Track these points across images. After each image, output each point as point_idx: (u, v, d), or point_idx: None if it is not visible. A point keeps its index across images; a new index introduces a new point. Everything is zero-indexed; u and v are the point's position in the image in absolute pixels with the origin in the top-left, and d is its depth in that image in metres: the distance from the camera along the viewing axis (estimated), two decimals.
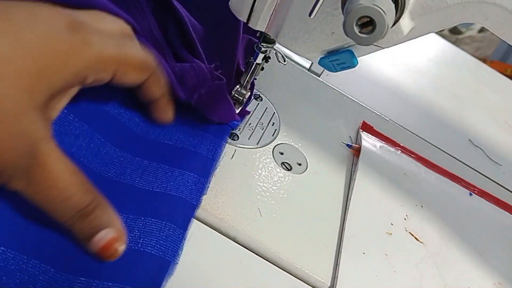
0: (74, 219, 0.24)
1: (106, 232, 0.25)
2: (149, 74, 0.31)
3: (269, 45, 0.37)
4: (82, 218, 0.24)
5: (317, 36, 0.31)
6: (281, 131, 0.43)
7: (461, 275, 0.39)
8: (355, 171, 0.42)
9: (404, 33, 0.28)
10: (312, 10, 0.28)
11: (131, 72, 0.29)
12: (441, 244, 0.41)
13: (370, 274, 0.34)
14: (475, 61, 0.90)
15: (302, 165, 0.41)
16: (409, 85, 0.68)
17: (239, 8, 0.32)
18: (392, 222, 0.40)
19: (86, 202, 0.24)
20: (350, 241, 0.36)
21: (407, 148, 0.50)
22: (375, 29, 0.25)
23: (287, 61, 0.44)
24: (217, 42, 0.40)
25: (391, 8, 0.26)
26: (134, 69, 0.29)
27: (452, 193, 0.47)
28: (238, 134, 0.40)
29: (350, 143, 0.47)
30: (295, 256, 0.32)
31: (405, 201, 0.43)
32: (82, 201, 0.24)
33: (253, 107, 0.43)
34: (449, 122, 0.64)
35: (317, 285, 0.32)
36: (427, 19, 0.28)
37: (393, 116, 0.56)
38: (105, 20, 0.29)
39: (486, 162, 0.58)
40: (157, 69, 0.32)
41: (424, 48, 0.83)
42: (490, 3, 0.27)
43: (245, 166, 0.37)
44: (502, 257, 0.43)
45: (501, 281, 0.40)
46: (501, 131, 0.69)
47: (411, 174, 0.47)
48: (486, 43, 2.03)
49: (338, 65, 0.32)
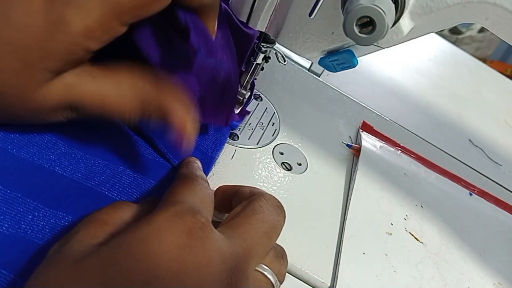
0: (142, 114, 0.26)
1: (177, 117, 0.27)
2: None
3: (269, 45, 0.37)
4: (147, 110, 0.26)
5: (317, 36, 0.31)
6: (281, 131, 0.43)
7: (461, 275, 0.39)
8: (355, 171, 0.42)
9: (404, 33, 0.28)
10: (312, 10, 0.28)
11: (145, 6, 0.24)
12: (441, 244, 0.41)
13: (370, 274, 0.34)
14: (475, 61, 0.90)
15: (302, 165, 0.41)
16: (409, 85, 0.68)
17: (239, 8, 0.32)
18: (392, 222, 0.40)
19: (140, 101, 0.26)
20: (350, 241, 0.36)
21: (407, 148, 0.50)
22: (375, 29, 0.25)
23: (287, 61, 0.44)
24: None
25: (391, 8, 0.26)
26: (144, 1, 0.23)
27: (452, 193, 0.47)
28: (238, 134, 0.40)
29: (350, 143, 0.47)
30: (295, 256, 0.32)
31: (405, 201, 0.43)
32: (135, 103, 0.26)
33: (253, 107, 0.43)
34: (449, 122, 0.64)
35: (317, 285, 0.32)
36: (427, 19, 0.28)
37: (393, 116, 0.56)
38: None
39: (486, 162, 0.58)
40: None
41: (424, 48, 0.83)
42: (490, 3, 0.27)
43: (245, 166, 0.37)
44: (502, 257, 0.43)
45: (501, 281, 0.40)
46: (501, 131, 0.69)
47: (411, 174, 0.47)
48: (486, 43, 2.03)
49: (338, 65, 0.32)
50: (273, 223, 0.26)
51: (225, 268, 0.21)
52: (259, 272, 0.25)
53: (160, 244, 0.20)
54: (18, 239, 0.23)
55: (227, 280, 0.21)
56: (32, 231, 0.24)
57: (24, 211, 0.24)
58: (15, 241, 0.23)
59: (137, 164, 0.30)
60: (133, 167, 0.30)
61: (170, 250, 0.20)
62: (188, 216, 0.22)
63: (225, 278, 0.21)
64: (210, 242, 0.21)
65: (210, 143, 0.36)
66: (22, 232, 0.23)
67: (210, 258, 0.21)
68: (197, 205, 0.24)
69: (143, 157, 0.31)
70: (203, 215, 0.22)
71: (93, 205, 0.26)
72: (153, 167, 0.31)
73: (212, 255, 0.21)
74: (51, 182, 0.26)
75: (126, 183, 0.29)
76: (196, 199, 0.25)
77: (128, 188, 0.29)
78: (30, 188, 0.25)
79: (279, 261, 0.26)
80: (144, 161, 0.31)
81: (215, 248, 0.21)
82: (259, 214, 0.26)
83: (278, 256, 0.27)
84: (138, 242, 0.20)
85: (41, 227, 0.24)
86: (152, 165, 0.31)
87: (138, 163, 0.31)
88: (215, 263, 0.21)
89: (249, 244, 0.24)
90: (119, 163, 0.29)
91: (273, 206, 0.27)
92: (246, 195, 0.28)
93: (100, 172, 0.28)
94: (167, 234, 0.20)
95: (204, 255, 0.20)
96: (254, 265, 0.24)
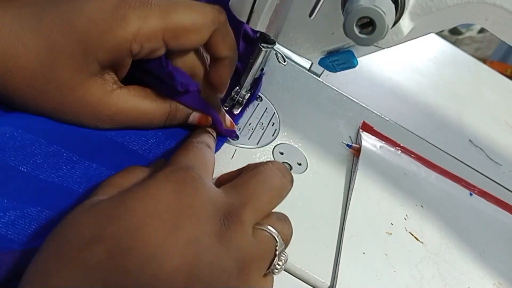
0: (168, 122, 0.33)
1: (193, 116, 0.34)
2: (209, 33, 0.31)
3: (269, 45, 0.37)
4: (172, 120, 0.33)
5: (317, 36, 0.31)
6: (281, 131, 0.43)
7: (461, 275, 0.39)
8: (355, 171, 0.42)
9: (404, 33, 0.28)
10: (312, 10, 0.28)
11: (185, 36, 0.29)
12: (441, 244, 0.41)
13: (370, 274, 0.34)
14: (475, 61, 0.90)
15: (302, 165, 0.41)
16: (409, 85, 0.68)
17: (239, 8, 0.32)
18: (392, 222, 0.40)
19: (166, 111, 0.32)
20: (350, 241, 0.36)
21: (407, 148, 0.50)
22: (375, 29, 0.25)
23: (287, 61, 0.44)
24: None
25: (391, 8, 0.26)
26: (186, 32, 0.29)
27: (452, 193, 0.47)
28: (238, 134, 0.40)
29: (350, 143, 0.47)
30: (295, 256, 0.32)
31: (405, 201, 0.43)
32: (164, 112, 0.32)
33: (253, 107, 0.43)
34: (449, 122, 0.64)
35: (317, 285, 0.33)
36: (427, 20, 0.28)
37: (393, 116, 0.56)
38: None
39: (486, 162, 0.58)
40: (222, 26, 0.31)
41: (424, 48, 0.83)
42: (490, 4, 0.27)
43: None
44: (502, 257, 0.43)
45: (501, 281, 0.40)
46: (501, 131, 0.69)
47: (411, 174, 0.47)
48: (486, 44, 2.03)
49: (338, 65, 0.32)
50: (276, 183, 0.27)
51: (217, 213, 0.23)
52: (261, 229, 0.26)
53: (158, 190, 0.23)
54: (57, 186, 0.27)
55: (220, 222, 0.23)
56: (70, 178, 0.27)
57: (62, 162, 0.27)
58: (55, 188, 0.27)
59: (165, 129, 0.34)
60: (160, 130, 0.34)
61: (168, 194, 0.23)
62: (181, 171, 0.24)
63: (218, 220, 0.23)
64: (203, 191, 0.24)
65: None
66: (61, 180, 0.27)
67: (202, 201, 0.23)
68: (191, 165, 0.26)
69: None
70: (196, 172, 0.25)
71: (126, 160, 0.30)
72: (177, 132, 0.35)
73: (205, 198, 0.24)
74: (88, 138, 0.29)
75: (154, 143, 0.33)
76: (195, 162, 0.27)
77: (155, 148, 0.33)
78: (69, 143, 0.28)
79: (281, 222, 0.27)
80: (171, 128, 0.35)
81: (208, 196, 0.24)
82: (261, 175, 0.27)
83: (281, 219, 0.28)
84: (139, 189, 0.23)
85: (78, 176, 0.28)
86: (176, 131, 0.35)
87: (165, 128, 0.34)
88: (208, 206, 0.23)
89: (246, 198, 0.25)
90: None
91: (278, 169, 0.28)
92: (252, 167, 0.29)
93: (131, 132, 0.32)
94: (164, 184, 0.23)
95: (197, 197, 0.23)
96: (252, 217, 0.25)
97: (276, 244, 0.26)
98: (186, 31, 0.29)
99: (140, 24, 0.27)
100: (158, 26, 0.28)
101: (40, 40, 0.26)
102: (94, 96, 0.28)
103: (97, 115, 0.29)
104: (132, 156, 0.31)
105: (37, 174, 0.26)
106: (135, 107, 0.30)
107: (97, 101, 0.29)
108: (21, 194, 0.25)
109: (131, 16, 0.27)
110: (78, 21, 0.27)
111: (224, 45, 0.32)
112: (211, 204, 0.23)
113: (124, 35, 0.27)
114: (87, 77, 0.28)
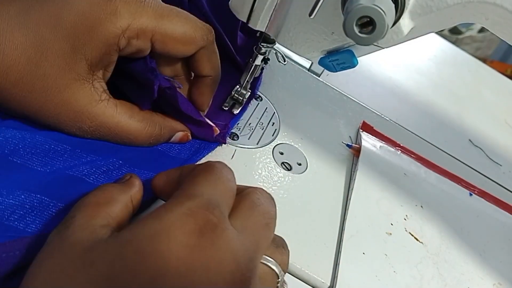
0: (152, 143, 0.32)
1: (176, 136, 0.34)
2: (196, 48, 0.31)
3: (269, 45, 0.37)
4: (157, 141, 0.33)
5: (317, 36, 0.31)
6: (281, 131, 0.43)
7: (461, 275, 0.39)
8: (355, 171, 0.42)
9: (404, 33, 0.28)
10: (312, 10, 0.28)
11: (172, 44, 0.29)
12: (441, 244, 0.41)
13: (370, 274, 0.34)
14: (475, 61, 0.90)
15: (302, 165, 0.41)
16: (409, 85, 0.68)
17: (239, 8, 0.32)
18: (392, 222, 0.40)
19: (151, 134, 0.32)
20: (350, 241, 0.36)
21: (407, 148, 0.50)
22: (375, 29, 0.25)
23: (287, 61, 0.44)
24: None
25: (391, 8, 0.26)
26: (175, 41, 0.29)
27: (452, 193, 0.47)
28: (238, 134, 0.40)
29: (350, 143, 0.47)
30: (295, 256, 0.32)
31: (405, 201, 0.43)
32: (148, 135, 0.31)
33: (253, 107, 0.43)
34: (449, 122, 0.64)
35: (317, 285, 0.32)
36: (427, 19, 0.28)
37: (393, 116, 0.56)
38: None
39: (486, 162, 0.58)
40: (209, 45, 0.32)
41: (424, 48, 0.83)
42: (490, 3, 0.27)
43: (245, 166, 0.37)
44: (502, 257, 0.43)
45: (501, 281, 0.40)
46: (501, 131, 0.69)
47: (411, 174, 0.47)
48: (486, 43, 2.03)
49: (338, 65, 0.32)
50: (271, 214, 0.26)
51: (238, 267, 0.21)
52: (262, 264, 0.25)
53: (169, 244, 0.19)
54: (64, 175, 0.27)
55: (240, 279, 0.20)
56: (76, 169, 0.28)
57: (69, 157, 0.28)
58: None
59: None
60: None
61: (179, 250, 0.19)
62: (201, 214, 0.21)
63: (238, 277, 0.20)
64: (222, 242, 0.21)
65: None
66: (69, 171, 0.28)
67: (221, 258, 0.20)
68: (214, 200, 0.22)
69: None
70: (218, 212, 0.22)
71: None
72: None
73: (224, 255, 0.20)
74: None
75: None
76: (216, 192, 0.23)
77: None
78: (76, 142, 0.29)
79: (280, 250, 0.26)
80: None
81: (228, 247, 0.21)
82: (260, 207, 0.25)
83: (279, 246, 0.27)
84: (147, 239, 0.20)
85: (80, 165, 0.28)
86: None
87: None
88: (227, 262, 0.20)
89: (257, 238, 0.23)
90: None
91: (267, 198, 0.27)
92: (239, 190, 0.28)
93: None
94: (177, 233, 0.20)
95: (214, 256, 0.20)
96: (260, 258, 0.24)
97: (278, 281, 0.25)
98: (175, 39, 0.29)
99: (130, 20, 0.27)
100: (149, 25, 0.28)
101: (27, 37, 0.26)
102: (79, 102, 0.28)
103: (78, 124, 0.28)
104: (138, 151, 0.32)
105: (46, 169, 0.27)
106: (119, 125, 0.30)
107: (81, 108, 0.28)
108: (31, 186, 0.25)
109: (122, 11, 0.27)
110: (66, 16, 0.26)
111: (209, 63, 0.33)
112: (231, 260, 0.21)
113: (113, 30, 0.27)
114: (75, 79, 0.27)
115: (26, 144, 0.27)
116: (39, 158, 0.27)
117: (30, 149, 0.27)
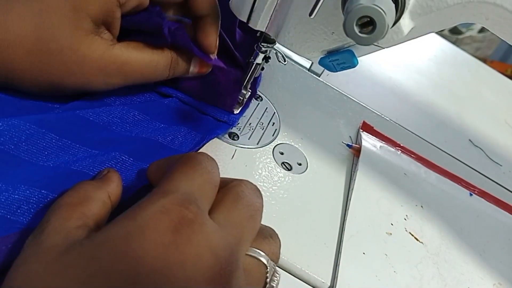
0: (171, 72, 0.34)
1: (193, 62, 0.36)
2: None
3: (269, 45, 0.37)
4: (175, 68, 0.34)
5: (317, 36, 0.31)
6: (281, 131, 0.43)
7: (461, 275, 0.39)
8: (355, 171, 0.42)
9: (404, 33, 0.28)
10: (312, 10, 0.28)
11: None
12: (441, 244, 0.41)
13: (370, 274, 0.34)
14: (475, 61, 0.90)
15: (302, 165, 0.41)
16: (409, 85, 0.68)
17: (239, 8, 0.32)
18: (392, 222, 0.40)
19: (168, 59, 0.34)
20: (350, 241, 0.36)
21: (407, 148, 0.50)
22: (375, 29, 0.25)
23: (287, 61, 0.44)
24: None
25: (391, 8, 0.26)
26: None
27: (452, 193, 0.47)
28: (238, 134, 0.40)
29: (350, 143, 0.47)
30: (295, 256, 0.32)
31: (405, 201, 0.43)
32: (166, 60, 0.33)
33: (253, 107, 0.43)
34: (449, 122, 0.64)
35: (317, 285, 0.32)
36: (427, 19, 0.28)
37: (393, 116, 0.56)
38: None
39: (486, 162, 0.58)
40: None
41: (424, 48, 0.83)
42: (490, 3, 0.26)
43: (245, 166, 0.37)
44: (502, 257, 0.43)
45: (501, 281, 0.40)
46: (501, 131, 0.69)
47: (411, 174, 0.47)
48: (486, 43, 2.03)
49: (338, 65, 0.32)
50: (256, 205, 0.25)
51: (217, 261, 0.20)
52: (249, 256, 0.24)
53: (143, 243, 0.19)
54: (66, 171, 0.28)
55: (219, 274, 0.20)
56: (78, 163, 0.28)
57: (68, 151, 0.29)
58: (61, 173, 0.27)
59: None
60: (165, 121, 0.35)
61: (154, 248, 0.19)
62: (175, 211, 0.20)
63: (217, 272, 0.20)
64: (199, 237, 0.20)
65: (205, 128, 0.37)
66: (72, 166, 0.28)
67: (198, 254, 0.20)
68: (191, 194, 0.22)
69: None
70: (194, 207, 0.21)
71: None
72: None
73: (201, 250, 0.20)
74: (93, 132, 0.31)
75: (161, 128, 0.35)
76: (194, 185, 0.23)
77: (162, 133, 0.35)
78: (77, 135, 0.30)
79: (268, 241, 0.26)
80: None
81: (206, 242, 0.20)
82: (244, 199, 0.25)
83: (266, 237, 0.26)
84: (121, 239, 0.19)
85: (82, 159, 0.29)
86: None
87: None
88: (205, 258, 0.20)
89: (239, 230, 0.23)
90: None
91: (252, 189, 0.26)
92: (222, 183, 0.27)
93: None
94: (151, 232, 0.19)
95: (191, 251, 0.20)
96: (244, 251, 0.24)
97: (267, 271, 0.24)
98: None
99: None
100: None
101: (32, 5, 0.27)
102: (97, 52, 0.29)
103: (104, 69, 0.30)
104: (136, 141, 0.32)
105: (46, 163, 0.27)
106: (139, 57, 0.32)
107: (101, 55, 0.29)
108: (28, 180, 0.25)
109: None
110: None
111: (205, 1, 0.34)
112: (209, 255, 0.20)
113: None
114: (85, 35, 0.29)
115: (28, 138, 0.27)
116: (40, 152, 0.27)
117: (32, 144, 0.27)
